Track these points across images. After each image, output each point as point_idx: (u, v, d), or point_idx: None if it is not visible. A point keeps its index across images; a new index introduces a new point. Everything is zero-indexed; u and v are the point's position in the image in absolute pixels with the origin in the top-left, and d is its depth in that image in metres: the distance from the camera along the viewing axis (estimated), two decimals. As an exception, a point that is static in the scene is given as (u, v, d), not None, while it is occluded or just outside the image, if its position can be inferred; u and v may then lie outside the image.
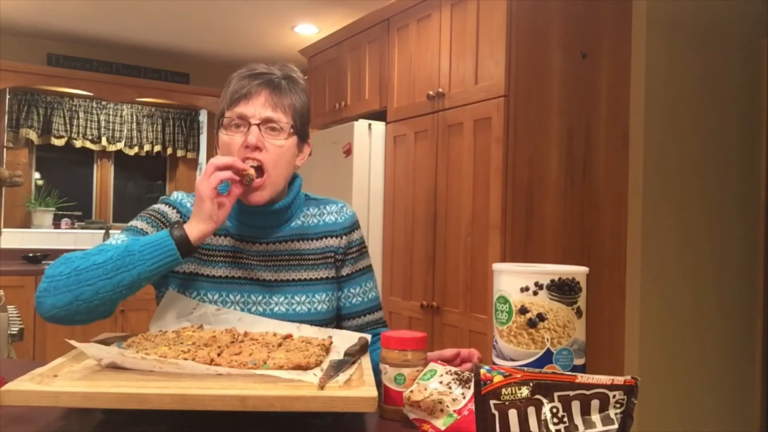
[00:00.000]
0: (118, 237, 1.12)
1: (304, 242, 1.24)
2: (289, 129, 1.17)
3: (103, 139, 4.96)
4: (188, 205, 1.22)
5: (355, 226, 1.31)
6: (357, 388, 0.82)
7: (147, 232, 1.14)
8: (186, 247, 1.03)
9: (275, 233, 1.23)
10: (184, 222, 1.06)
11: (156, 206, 1.23)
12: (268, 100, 1.15)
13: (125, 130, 5.07)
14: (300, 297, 1.20)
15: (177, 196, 1.24)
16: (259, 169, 1.14)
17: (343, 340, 1.07)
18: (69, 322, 1.01)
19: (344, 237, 1.28)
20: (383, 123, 3.00)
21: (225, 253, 1.20)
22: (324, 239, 1.26)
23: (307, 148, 1.26)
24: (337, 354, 0.99)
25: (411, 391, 0.90)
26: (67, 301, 0.98)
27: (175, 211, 1.21)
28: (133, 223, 1.18)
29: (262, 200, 1.16)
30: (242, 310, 1.17)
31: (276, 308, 1.18)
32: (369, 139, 2.99)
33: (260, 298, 1.19)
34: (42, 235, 4.63)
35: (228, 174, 1.07)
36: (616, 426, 0.73)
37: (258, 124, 1.13)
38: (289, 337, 1.07)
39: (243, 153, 1.13)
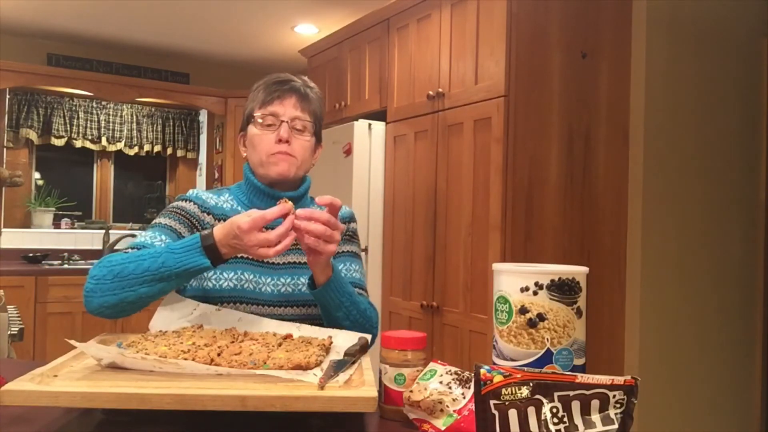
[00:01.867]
0: (145, 235, 1.23)
1: None
2: (312, 128, 1.35)
3: (103, 139, 4.96)
4: (204, 197, 1.33)
5: (352, 219, 1.46)
6: (357, 388, 0.82)
7: (176, 229, 1.25)
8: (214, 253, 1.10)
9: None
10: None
11: (175, 204, 1.33)
12: (297, 103, 1.33)
13: (125, 130, 5.06)
14: (305, 279, 1.29)
15: (192, 192, 1.35)
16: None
17: (343, 340, 1.07)
18: (115, 317, 1.13)
19: (342, 224, 1.35)
20: (383, 123, 3.00)
21: None
22: None
23: (320, 149, 1.43)
24: (337, 354, 0.99)
25: (411, 391, 0.90)
26: (114, 302, 1.09)
27: (194, 204, 1.31)
28: (161, 220, 1.27)
29: (285, 173, 1.31)
30: (254, 288, 1.27)
31: (283, 289, 1.30)
32: (369, 139, 2.99)
33: (269, 279, 1.30)
34: (42, 235, 4.63)
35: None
36: (616, 426, 0.73)
37: (288, 122, 1.31)
38: (289, 337, 1.07)
39: (274, 147, 1.30)
